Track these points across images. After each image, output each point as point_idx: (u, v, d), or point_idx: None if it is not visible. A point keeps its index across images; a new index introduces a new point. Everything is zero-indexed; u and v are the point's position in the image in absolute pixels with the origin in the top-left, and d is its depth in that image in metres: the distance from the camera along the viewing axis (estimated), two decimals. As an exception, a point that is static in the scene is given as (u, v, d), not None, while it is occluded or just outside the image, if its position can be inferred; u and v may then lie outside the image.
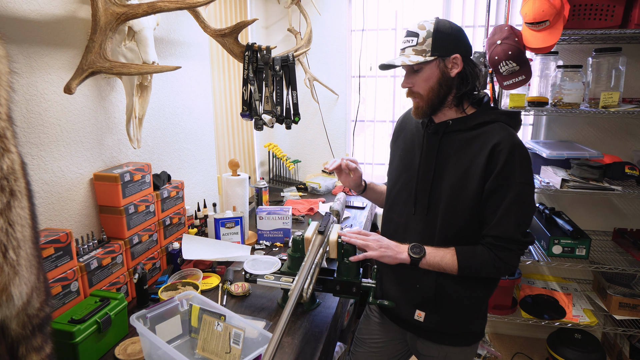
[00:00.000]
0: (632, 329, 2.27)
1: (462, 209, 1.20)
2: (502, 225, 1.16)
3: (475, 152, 1.19)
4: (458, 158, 1.22)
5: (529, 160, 1.18)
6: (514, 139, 1.17)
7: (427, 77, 1.21)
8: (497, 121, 1.22)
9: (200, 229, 1.86)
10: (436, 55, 1.19)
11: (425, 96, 1.23)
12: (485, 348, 2.47)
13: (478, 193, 1.18)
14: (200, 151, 2.01)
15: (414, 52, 1.21)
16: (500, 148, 1.15)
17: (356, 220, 2.23)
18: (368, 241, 1.23)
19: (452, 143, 1.25)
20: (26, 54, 1.12)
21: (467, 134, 1.23)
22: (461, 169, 1.21)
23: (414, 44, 1.21)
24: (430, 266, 1.21)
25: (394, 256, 1.21)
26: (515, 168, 1.14)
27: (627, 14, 1.97)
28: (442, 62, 1.20)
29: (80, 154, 1.32)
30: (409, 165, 1.34)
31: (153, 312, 1.13)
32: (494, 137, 1.17)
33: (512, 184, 1.14)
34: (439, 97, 1.23)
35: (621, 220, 2.50)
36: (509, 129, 1.20)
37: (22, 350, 0.77)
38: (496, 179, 1.15)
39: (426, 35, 1.19)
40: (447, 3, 2.59)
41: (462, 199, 1.20)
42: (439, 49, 1.19)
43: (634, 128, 2.38)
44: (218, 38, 1.61)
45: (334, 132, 2.88)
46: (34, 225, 0.77)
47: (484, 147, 1.18)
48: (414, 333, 1.36)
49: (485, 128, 1.21)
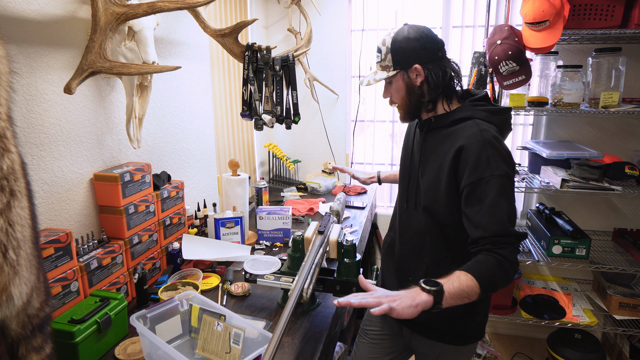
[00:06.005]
0: (632, 329, 2.26)
1: (440, 205, 1.22)
2: (496, 223, 1.10)
3: (446, 150, 1.21)
4: (435, 155, 1.25)
5: (504, 153, 1.14)
6: (484, 135, 1.14)
7: (398, 89, 1.28)
8: (472, 118, 1.20)
9: (200, 229, 1.86)
10: (398, 69, 1.24)
11: (401, 105, 1.30)
12: (485, 348, 2.48)
13: (448, 191, 1.18)
14: (200, 151, 2.01)
15: (379, 68, 1.29)
16: (467, 148, 1.14)
17: (356, 220, 2.23)
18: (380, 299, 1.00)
19: (433, 140, 1.28)
20: (26, 54, 1.12)
21: (444, 130, 1.25)
22: (436, 166, 1.23)
23: (379, 60, 1.29)
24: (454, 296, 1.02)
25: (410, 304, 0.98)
26: (490, 162, 1.11)
27: (627, 14, 1.97)
28: (405, 74, 1.25)
29: (80, 154, 1.32)
30: (406, 161, 1.39)
31: (153, 312, 1.13)
32: (462, 137, 1.17)
33: (490, 179, 1.11)
34: (411, 105, 1.29)
35: (621, 220, 2.50)
36: (481, 125, 1.17)
37: (22, 350, 0.77)
38: (470, 176, 1.13)
39: (386, 51, 1.25)
40: (447, 3, 2.59)
41: (438, 195, 1.22)
42: (399, 63, 1.24)
43: (634, 128, 2.38)
44: (218, 38, 1.61)
45: (334, 132, 2.88)
46: (34, 225, 0.77)
47: (452, 146, 1.19)
48: (409, 327, 1.38)
49: (459, 125, 1.22)
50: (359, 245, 1.99)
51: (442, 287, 1.01)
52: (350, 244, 1.31)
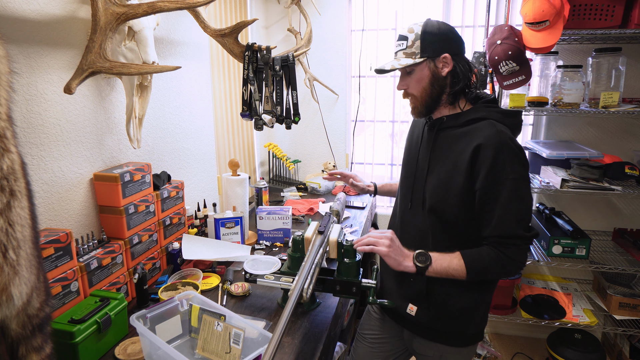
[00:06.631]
0: (632, 329, 2.27)
1: (449, 205, 1.22)
2: (503, 224, 1.16)
3: (461, 149, 1.20)
4: (447, 154, 1.24)
5: (520, 155, 1.17)
6: (501, 137, 1.16)
7: (419, 79, 1.25)
8: (487, 119, 1.21)
9: (200, 229, 1.86)
10: (425, 57, 1.22)
11: (419, 97, 1.27)
12: (485, 348, 2.47)
13: (463, 190, 1.19)
14: (200, 151, 2.01)
15: (404, 55, 1.25)
16: (485, 147, 1.15)
17: (356, 220, 2.23)
18: (381, 238, 1.22)
19: (444, 139, 1.27)
20: (26, 54, 1.12)
21: (457, 130, 1.25)
22: (449, 165, 1.23)
23: (404, 47, 1.25)
24: (438, 273, 1.19)
25: (399, 261, 1.20)
26: (506, 165, 1.14)
27: (627, 14, 1.97)
28: (432, 63, 1.23)
29: (80, 154, 1.32)
30: (411, 161, 1.38)
31: (153, 312, 1.13)
32: (479, 136, 1.18)
33: (505, 181, 1.14)
34: (432, 97, 1.26)
35: (621, 220, 2.50)
36: (498, 126, 1.18)
37: (22, 350, 0.77)
38: (486, 178, 1.15)
39: (415, 38, 1.23)
40: (447, 3, 2.59)
41: (449, 195, 1.22)
42: (427, 50, 1.22)
43: (634, 128, 2.38)
44: (218, 38, 1.61)
45: (334, 132, 2.88)
46: (34, 225, 0.77)
47: (469, 144, 1.19)
48: (410, 329, 1.37)
49: (474, 125, 1.22)
50: (359, 245, 1.99)
51: (428, 265, 1.19)
52: (350, 244, 1.31)
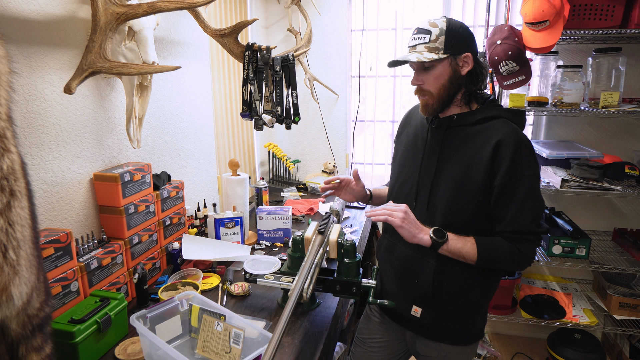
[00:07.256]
0: (632, 329, 2.26)
1: (464, 203, 1.21)
2: (518, 220, 1.17)
3: (478, 147, 1.20)
4: (461, 152, 1.24)
5: (535, 154, 1.20)
6: (518, 134, 1.19)
7: (439, 75, 1.22)
8: (500, 117, 1.23)
9: (200, 229, 1.86)
10: (449, 53, 1.20)
11: (435, 94, 1.24)
12: (485, 348, 2.47)
13: (482, 187, 1.19)
14: (200, 151, 2.01)
15: (426, 50, 1.21)
16: (506, 144, 1.16)
17: (356, 220, 2.23)
18: (395, 210, 1.20)
19: (455, 138, 1.26)
20: (26, 54, 1.12)
21: (470, 128, 1.24)
22: (464, 163, 1.22)
23: (426, 41, 1.21)
24: (451, 253, 1.19)
25: (413, 233, 1.18)
26: (524, 162, 1.16)
27: (627, 14, 1.97)
28: (454, 60, 1.22)
29: (80, 154, 1.32)
30: (411, 161, 1.35)
31: (153, 312, 1.13)
32: (498, 133, 1.18)
33: (522, 178, 1.16)
34: (449, 95, 1.24)
35: (621, 220, 2.50)
36: (512, 124, 1.21)
37: (22, 350, 0.77)
38: (505, 174, 1.16)
39: (439, 33, 1.20)
40: (447, 3, 2.59)
41: (464, 193, 1.21)
42: (451, 47, 1.20)
43: (634, 128, 2.38)
44: (218, 38, 1.61)
45: (334, 132, 2.88)
46: (34, 225, 0.77)
47: (487, 142, 1.19)
48: (413, 331, 1.37)
49: (489, 123, 1.23)
50: (359, 245, 1.99)
51: (444, 242, 1.18)
52: (350, 244, 1.31)
